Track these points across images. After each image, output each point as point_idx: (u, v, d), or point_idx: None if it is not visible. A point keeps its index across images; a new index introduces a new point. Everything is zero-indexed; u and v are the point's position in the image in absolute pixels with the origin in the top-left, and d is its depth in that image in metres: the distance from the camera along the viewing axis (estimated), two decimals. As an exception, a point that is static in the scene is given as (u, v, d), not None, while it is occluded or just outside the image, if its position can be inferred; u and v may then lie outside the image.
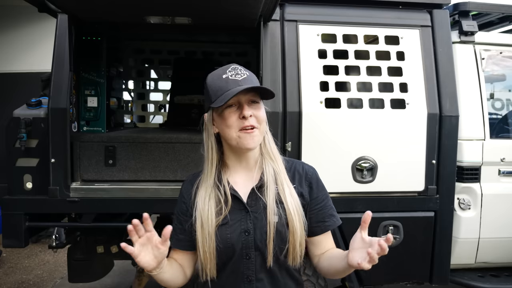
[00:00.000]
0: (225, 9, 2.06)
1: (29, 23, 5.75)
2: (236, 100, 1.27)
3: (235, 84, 1.26)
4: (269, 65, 2.35)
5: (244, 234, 1.29)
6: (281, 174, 1.34)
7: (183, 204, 1.39)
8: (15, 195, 2.26)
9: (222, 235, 1.29)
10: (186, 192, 1.40)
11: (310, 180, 1.41)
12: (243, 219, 1.31)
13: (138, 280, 3.02)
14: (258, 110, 1.30)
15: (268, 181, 1.31)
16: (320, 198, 1.41)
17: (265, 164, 1.35)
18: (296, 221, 1.29)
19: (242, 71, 1.30)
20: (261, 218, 1.30)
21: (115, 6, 2.05)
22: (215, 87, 1.28)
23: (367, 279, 2.47)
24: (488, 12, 2.76)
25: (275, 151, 1.38)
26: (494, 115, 2.99)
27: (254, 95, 1.30)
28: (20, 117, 2.23)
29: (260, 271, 1.31)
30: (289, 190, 1.32)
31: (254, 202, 1.32)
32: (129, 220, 1.25)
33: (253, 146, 1.30)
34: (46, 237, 4.87)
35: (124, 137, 2.40)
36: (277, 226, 1.29)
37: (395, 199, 2.43)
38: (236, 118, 1.27)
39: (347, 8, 2.48)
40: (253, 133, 1.28)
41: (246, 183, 1.36)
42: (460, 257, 2.58)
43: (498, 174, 2.58)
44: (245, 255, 1.30)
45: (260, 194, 1.31)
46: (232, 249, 1.29)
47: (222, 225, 1.29)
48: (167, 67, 3.86)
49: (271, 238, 1.27)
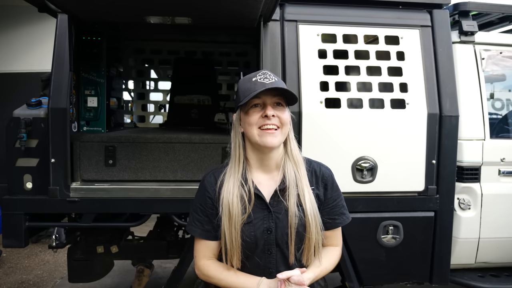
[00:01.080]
0: (225, 9, 2.06)
1: (29, 23, 5.75)
2: (261, 101, 1.37)
3: (262, 86, 1.34)
4: (269, 65, 2.35)
5: (266, 232, 1.39)
6: (302, 180, 1.42)
7: (208, 198, 1.45)
8: (15, 195, 2.26)
9: (247, 232, 1.38)
10: (210, 187, 1.45)
11: (326, 181, 1.50)
12: (265, 218, 1.40)
13: (138, 280, 3.02)
14: (282, 112, 1.39)
15: (290, 185, 1.39)
16: (333, 198, 1.50)
17: (287, 168, 1.42)
18: (313, 227, 1.38)
19: (272, 76, 1.39)
20: (282, 219, 1.39)
21: (115, 6, 2.05)
22: (244, 88, 1.38)
23: (367, 279, 2.47)
24: (488, 12, 2.76)
25: (299, 157, 1.45)
26: (494, 115, 2.99)
27: (280, 98, 1.39)
28: (20, 117, 2.23)
29: (281, 264, 1.41)
30: (309, 196, 1.40)
31: (276, 203, 1.40)
32: (129, 220, 1.27)
33: (273, 145, 1.37)
34: (46, 237, 4.88)
35: (124, 137, 2.40)
36: (297, 227, 1.38)
37: (395, 199, 2.43)
38: (259, 117, 1.36)
39: (347, 8, 2.48)
40: (274, 133, 1.36)
41: (269, 184, 1.44)
42: (460, 257, 2.58)
43: (498, 174, 2.58)
44: (267, 250, 1.40)
45: (282, 197, 1.40)
46: (256, 245, 1.39)
47: (247, 223, 1.38)
48: (167, 67, 3.86)
49: (293, 240, 1.37)
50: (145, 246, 2.82)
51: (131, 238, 2.94)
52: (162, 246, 2.77)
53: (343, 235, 2.35)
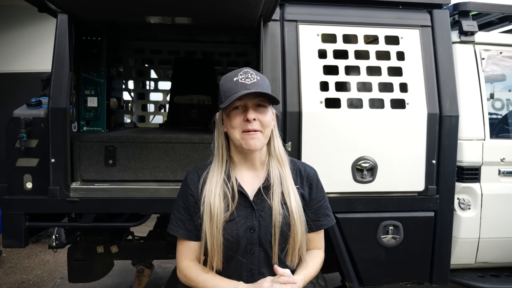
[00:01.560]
0: (225, 9, 2.06)
1: (30, 23, 5.75)
2: (243, 103, 1.33)
3: (243, 87, 1.30)
4: (269, 65, 2.35)
5: (249, 231, 1.35)
6: (287, 178, 1.39)
7: (191, 196, 1.42)
8: (15, 195, 2.26)
9: (229, 230, 1.34)
10: (193, 185, 1.43)
11: (311, 181, 1.47)
12: (249, 216, 1.36)
13: (138, 280, 3.02)
14: (263, 114, 1.35)
15: (275, 183, 1.36)
16: (318, 199, 1.47)
17: (271, 166, 1.40)
18: (298, 226, 1.35)
19: (253, 75, 1.35)
20: (266, 217, 1.35)
21: (115, 6, 2.04)
22: (225, 88, 1.34)
23: (367, 279, 2.47)
24: (488, 12, 2.76)
25: (283, 156, 1.43)
26: (494, 115, 2.99)
27: (261, 99, 1.35)
28: (20, 117, 2.22)
29: (263, 265, 1.37)
30: (294, 195, 1.37)
31: (260, 201, 1.37)
32: (129, 220, 1.27)
33: (254, 148, 1.34)
34: (46, 237, 4.88)
35: (124, 137, 2.40)
36: (281, 226, 1.34)
37: (395, 199, 2.43)
38: (241, 121, 1.33)
39: (347, 8, 2.47)
40: (256, 136, 1.33)
41: (252, 182, 1.41)
42: (460, 257, 2.58)
43: (498, 174, 2.58)
44: (249, 250, 1.36)
45: (266, 195, 1.37)
46: (238, 244, 1.35)
47: (229, 221, 1.35)
48: (167, 67, 3.86)
49: (277, 239, 1.34)
50: (145, 246, 2.83)
51: (131, 238, 2.94)
52: (162, 246, 2.76)
53: (343, 235, 2.36)
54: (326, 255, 1.58)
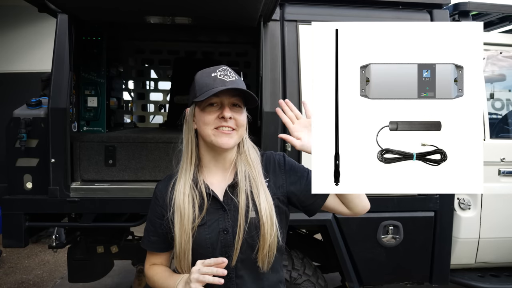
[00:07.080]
0: (225, 9, 2.06)
1: (30, 23, 5.76)
2: (219, 100, 1.30)
3: (222, 84, 1.27)
4: (269, 65, 2.35)
5: (223, 233, 1.30)
6: (257, 179, 1.34)
7: (158, 207, 1.38)
8: (15, 195, 2.26)
9: (201, 236, 1.29)
10: (160, 196, 1.39)
11: (283, 167, 1.41)
12: (221, 218, 1.31)
13: (138, 280, 3.02)
14: (239, 114, 1.32)
15: (241, 181, 1.32)
16: (301, 174, 1.40)
17: (239, 165, 1.35)
18: (267, 226, 1.28)
19: (232, 74, 1.32)
20: (237, 216, 1.30)
21: (115, 6, 2.04)
22: (202, 83, 1.30)
23: (367, 279, 2.47)
24: (488, 12, 2.76)
25: (253, 156, 1.38)
26: (494, 115, 2.99)
27: (238, 99, 1.32)
28: (20, 117, 2.22)
29: (241, 268, 1.31)
30: (264, 195, 1.32)
31: (230, 200, 1.32)
32: (129, 220, 1.26)
33: (228, 146, 1.30)
34: (46, 237, 4.87)
35: (124, 137, 2.40)
36: (249, 225, 1.28)
37: (395, 199, 2.43)
38: (215, 117, 1.29)
39: (347, 8, 2.47)
40: (230, 134, 1.29)
41: (220, 183, 1.36)
42: (460, 257, 2.58)
43: (498, 174, 2.58)
44: (224, 253, 1.29)
45: (233, 193, 1.32)
46: (212, 249, 1.29)
47: (200, 226, 1.30)
48: (167, 67, 3.87)
49: (240, 237, 1.27)
50: (145, 246, 2.82)
51: (131, 238, 2.95)
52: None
53: (343, 235, 2.36)
54: (326, 255, 1.56)
